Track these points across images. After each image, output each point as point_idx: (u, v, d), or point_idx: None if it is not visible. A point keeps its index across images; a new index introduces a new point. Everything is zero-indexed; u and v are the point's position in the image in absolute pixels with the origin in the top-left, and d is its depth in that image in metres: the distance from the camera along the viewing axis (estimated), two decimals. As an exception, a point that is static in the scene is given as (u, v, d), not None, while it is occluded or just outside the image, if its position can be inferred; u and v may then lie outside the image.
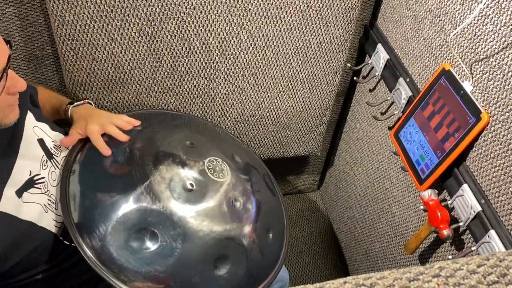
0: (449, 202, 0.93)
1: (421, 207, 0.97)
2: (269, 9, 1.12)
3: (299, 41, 1.21)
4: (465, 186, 0.89)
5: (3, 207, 0.78)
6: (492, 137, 0.83)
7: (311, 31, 1.20)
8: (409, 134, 1.04)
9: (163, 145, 0.98)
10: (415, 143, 1.01)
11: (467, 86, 0.88)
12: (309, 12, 1.16)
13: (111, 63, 1.11)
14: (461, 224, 0.90)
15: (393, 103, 1.19)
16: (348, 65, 1.35)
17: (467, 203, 0.88)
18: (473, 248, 0.88)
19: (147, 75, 1.16)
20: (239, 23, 1.13)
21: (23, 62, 1.17)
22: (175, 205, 0.88)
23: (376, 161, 1.31)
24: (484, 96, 0.85)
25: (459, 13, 0.90)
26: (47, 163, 0.90)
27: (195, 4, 1.06)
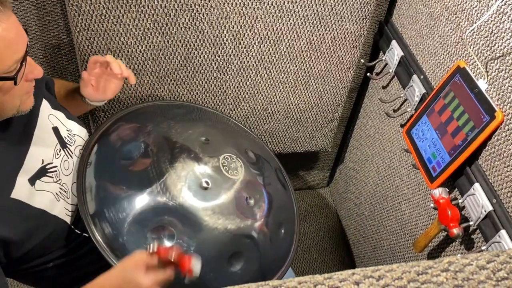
0: (460, 201, 0.92)
1: (431, 205, 0.97)
2: (284, 3, 1.12)
3: (313, 36, 1.20)
4: (477, 185, 0.88)
5: (17, 194, 0.79)
6: (506, 136, 0.82)
7: (325, 25, 1.19)
8: (421, 131, 1.04)
9: (178, 141, 0.99)
10: (427, 140, 1.01)
11: (482, 84, 0.87)
12: (323, 6, 1.15)
13: (125, 53, 1.12)
14: (471, 223, 0.90)
15: (406, 100, 1.18)
16: (361, 61, 1.34)
17: (478, 202, 0.87)
18: (483, 247, 0.87)
19: (160, 67, 1.17)
20: (254, 16, 1.12)
21: (39, 50, 1.18)
22: (191, 202, 0.90)
23: (387, 158, 1.30)
24: (499, 94, 0.84)
25: (475, 10, 0.89)
26: (60, 151, 0.91)
27: (210, -4, 1.06)
